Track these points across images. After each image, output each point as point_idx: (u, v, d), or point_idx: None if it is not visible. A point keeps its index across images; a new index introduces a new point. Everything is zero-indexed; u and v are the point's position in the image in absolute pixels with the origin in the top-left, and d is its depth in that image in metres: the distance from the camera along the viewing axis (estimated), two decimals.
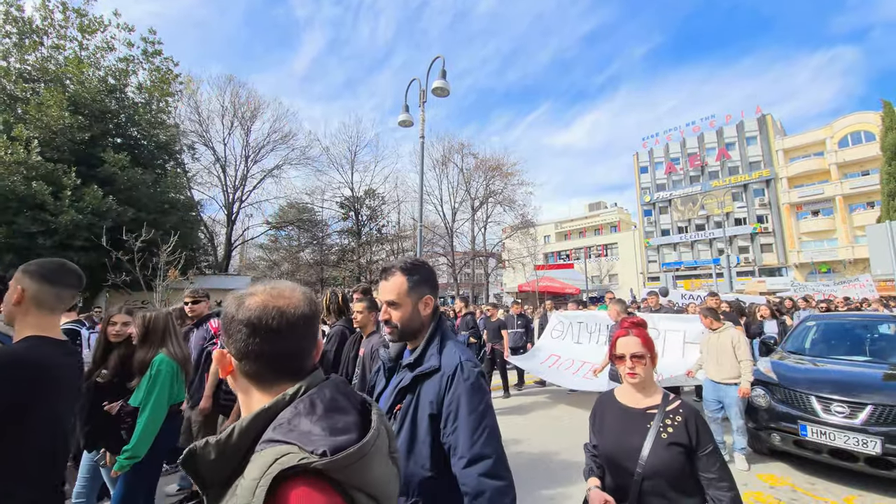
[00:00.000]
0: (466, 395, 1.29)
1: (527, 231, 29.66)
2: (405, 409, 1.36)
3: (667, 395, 1.65)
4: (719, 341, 4.49)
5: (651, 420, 1.59)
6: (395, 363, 1.52)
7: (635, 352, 1.64)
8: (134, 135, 15.03)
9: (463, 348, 1.45)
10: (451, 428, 1.28)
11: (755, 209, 35.39)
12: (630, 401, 1.71)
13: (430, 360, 1.39)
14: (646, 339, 1.67)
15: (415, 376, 1.37)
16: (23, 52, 13.41)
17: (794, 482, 3.93)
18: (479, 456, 1.24)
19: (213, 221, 25.25)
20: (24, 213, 10.80)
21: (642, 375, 1.64)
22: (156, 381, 2.39)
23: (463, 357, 1.37)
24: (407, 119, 8.92)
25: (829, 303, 11.32)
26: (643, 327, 1.71)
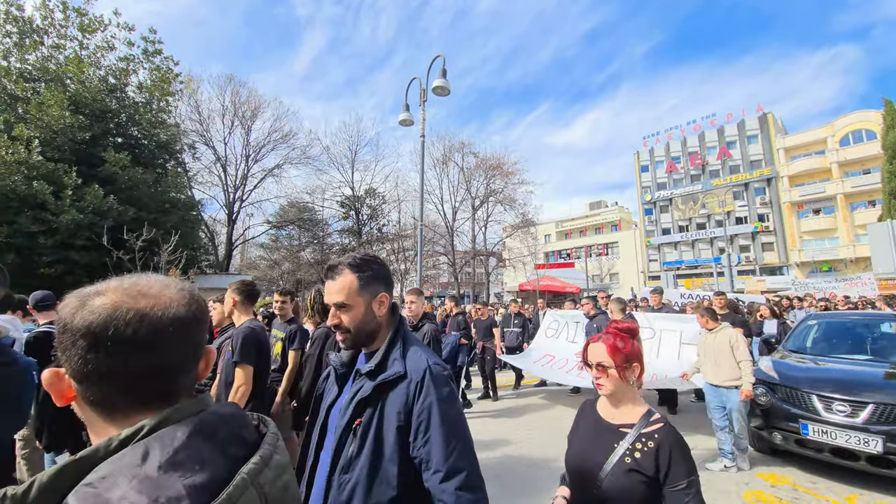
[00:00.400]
0: (438, 403, 1.19)
1: (527, 230, 29.62)
2: (367, 424, 1.21)
3: (648, 415, 1.47)
4: (716, 342, 4.35)
5: (621, 439, 1.44)
6: (349, 369, 1.37)
7: (599, 361, 1.50)
8: (135, 134, 15.04)
9: (428, 351, 1.34)
10: (422, 440, 1.17)
11: (756, 208, 35.35)
12: (606, 413, 1.56)
13: (394, 365, 1.26)
14: (614, 348, 1.48)
15: (377, 385, 1.23)
16: (23, 51, 13.42)
17: (795, 481, 3.93)
18: (456, 469, 1.15)
19: (214, 221, 25.27)
20: (25, 212, 10.81)
21: (609, 387, 1.49)
22: None
23: (430, 360, 1.27)
24: (407, 118, 8.92)
25: (827, 301, 11.29)
26: (622, 336, 1.52)
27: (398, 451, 1.18)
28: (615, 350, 1.48)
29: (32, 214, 10.84)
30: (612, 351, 1.47)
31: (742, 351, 4.15)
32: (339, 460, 1.20)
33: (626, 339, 1.50)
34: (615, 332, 1.52)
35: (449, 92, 8.23)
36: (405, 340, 1.34)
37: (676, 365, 5.60)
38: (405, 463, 1.18)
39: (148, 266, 8.45)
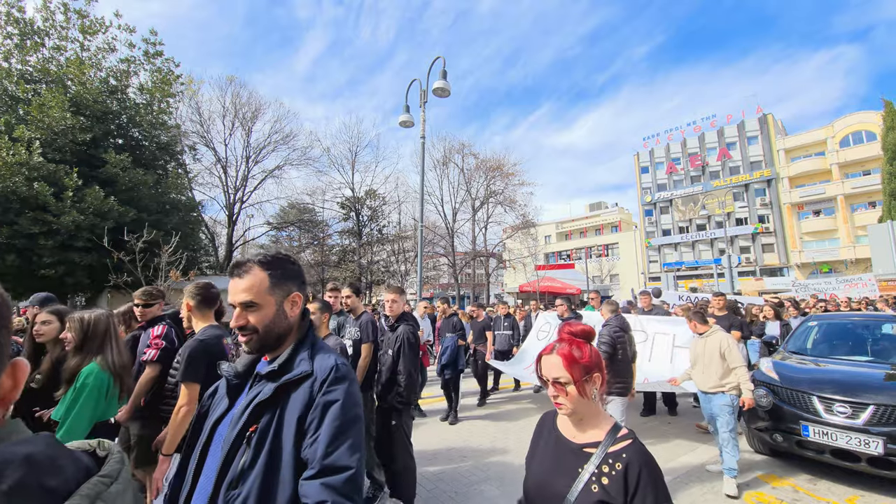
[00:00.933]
0: (337, 401, 1.12)
1: (527, 231, 29.64)
2: (264, 430, 1.09)
3: (615, 430, 1.26)
4: (706, 346, 4.09)
5: (585, 462, 1.24)
6: (243, 380, 1.23)
7: (555, 377, 1.28)
8: (135, 136, 15.05)
9: (337, 354, 1.26)
10: (311, 438, 1.08)
11: (756, 209, 35.36)
12: (568, 431, 1.35)
13: (301, 365, 1.18)
14: (570, 359, 1.27)
15: (279, 386, 1.13)
16: (24, 53, 13.44)
17: (795, 482, 3.93)
18: (333, 467, 1.04)
19: (215, 222, 25.30)
20: (26, 213, 10.81)
21: (569, 406, 1.28)
22: (79, 396, 2.08)
23: (339, 360, 1.20)
24: (408, 119, 8.94)
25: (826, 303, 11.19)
26: (578, 343, 1.31)
27: (297, 461, 1.07)
28: (572, 362, 1.27)
29: (33, 216, 10.85)
30: (570, 363, 1.27)
31: (735, 356, 3.90)
32: (226, 476, 1.06)
33: (583, 346, 1.30)
34: (570, 339, 1.31)
35: (449, 93, 8.25)
36: (314, 342, 1.27)
37: (669, 368, 5.46)
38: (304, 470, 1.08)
39: (148, 267, 8.45)
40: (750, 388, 3.84)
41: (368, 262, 27.64)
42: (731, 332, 5.49)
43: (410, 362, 3.42)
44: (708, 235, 37.15)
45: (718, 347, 3.99)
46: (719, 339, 4.04)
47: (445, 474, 4.28)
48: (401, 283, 29.00)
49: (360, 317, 4.01)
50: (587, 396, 1.27)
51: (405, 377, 3.38)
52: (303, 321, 1.29)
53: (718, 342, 4.02)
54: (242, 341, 1.20)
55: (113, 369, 2.24)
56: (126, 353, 2.46)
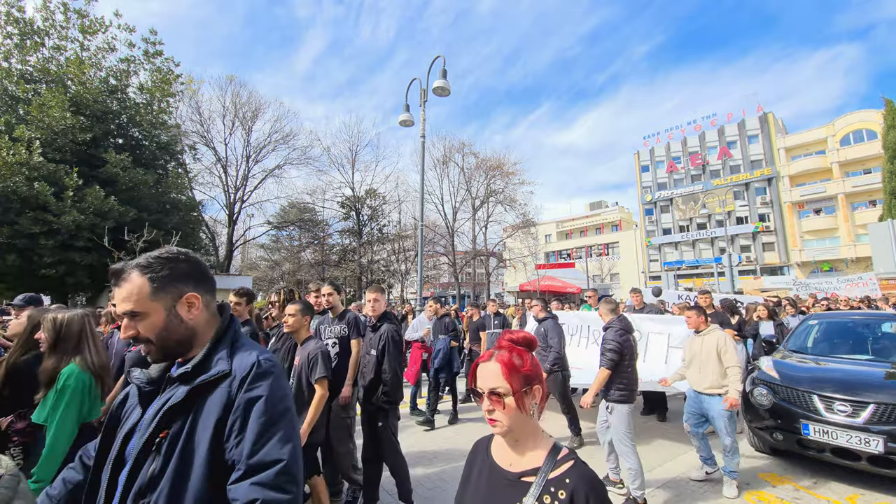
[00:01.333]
0: (262, 398, 1.05)
1: (528, 230, 29.64)
2: (175, 436, 1.02)
3: (555, 451, 1.12)
4: (703, 345, 3.97)
5: (524, 494, 1.08)
6: (158, 386, 1.15)
7: (493, 387, 1.11)
8: (135, 135, 15.06)
9: (262, 347, 1.21)
10: (235, 440, 1.02)
11: (757, 208, 35.33)
12: (503, 458, 1.18)
13: (218, 364, 1.11)
14: (511, 367, 1.11)
15: (193, 388, 1.06)
16: (24, 53, 13.44)
17: (796, 481, 3.93)
18: (261, 464, 0.99)
19: (215, 221, 25.34)
20: (27, 213, 10.82)
21: (505, 423, 1.10)
22: (62, 398, 2.04)
23: (262, 356, 1.13)
24: (408, 118, 8.94)
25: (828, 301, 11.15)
26: (519, 350, 1.17)
27: (212, 465, 1.00)
28: (513, 370, 1.11)
29: (33, 215, 10.85)
30: (510, 371, 1.11)
31: (731, 356, 3.80)
32: (133, 486, 1.00)
33: (524, 354, 1.16)
34: (510, 347, 1.16)
35: (449, 92, 8.25)
36: (235, 338, 1.19)
37: (663, 369, 5.38)
38: (221, 478, 1.01)
39: None
40: (738, 388, 3.74)
41: (369, 261, 27.64)
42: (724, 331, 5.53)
43: (395, 361, 3.38)
44: (708, 234, 37.13)
45: (716, 346, 3.87)
46: (717, 338, 3.91)
47: (446, 474, 4.28)
48: (401, 282, 29.04)
49: (343, 314, 3.97)
50: (526, 411, 1.11)
51: (390, 376, 3.34)
52: (215, 320, 1.21)
53: (716, 341, 3.90)
54: (144, 352, 1.13)
55: (93, 369, 2.21)
56: (104, 352, 2.40)
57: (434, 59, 8.52)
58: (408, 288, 29.82)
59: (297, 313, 3.07)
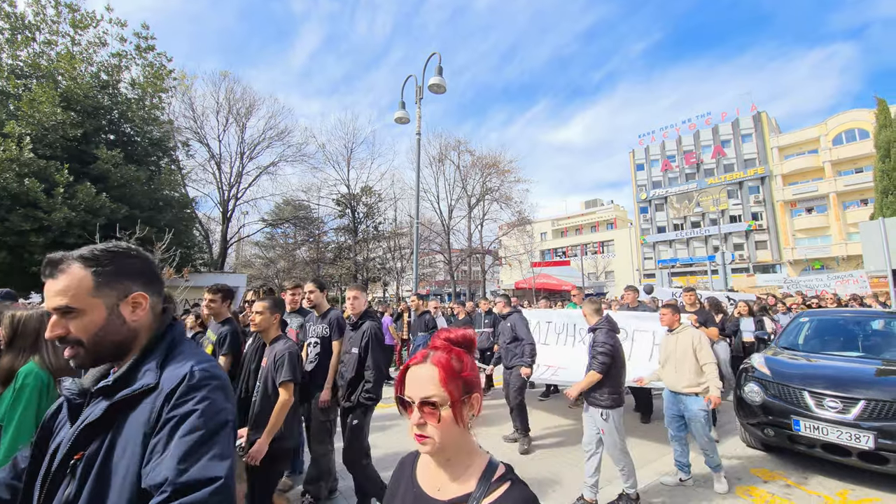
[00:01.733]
0: (191, 412, 0.93)
1: (523, 228, 29.71)
2: (91, 457, 0.92)
3: (490, 471, 0.94)
4: (678, 344, 3.88)
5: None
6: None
7: (426, 396, 0.90)
8: (127, 131, 14.88)
9: (203, 356, 1.09)
10: (158, 460, 0.89)
11: (750, 206, 35.63)
12: (430, 481, 0.99)
13: (144, 377, 0.99)
14: (449, 371, 0.92)
15: (113, 404, 0.95)
16: (15, 48, 13.22)
17: (787, 476, 3.97)
18: (190, 484, 0.86)
19: (209, 219, 25.10)
20: (17, 210, 10.67)
21: (436, 440, 0.90)
22: (20, 397, 1.99)
23: (197, 366, 1.00)
24: (403, 116, 8.90)
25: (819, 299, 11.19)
26: (458, 351, 0.98)
27: (134, 491, 0.89)
28: (451, 375, 0.92)
29: (24, 212, 10.70)
30: (448, 376, 0.92)
31: (706, 353, 3.74)
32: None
33: (463, 355, 0.98)
34: (447, 347, 0.98)
35: (445, 89, 8.22)
36: (172, 347, 1.07)
37: (648, 367, 5.25)
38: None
39: None
40: (718, 385, 3.65)
41: (364, 259, 27.57)
42: (708, 329, 5.38)
43: (379, 356, 3.33)
44: (702, 232, 37.40)
45: (691, 344, 3.79)
46: (691, 336, 3.84)
47: None
48: (397, 280, 29.01)
49: (327, 313, 3.86)
50: (464, 424, 0.93)
51: (374, 371, 3.27)
52: (157, 325, 1.09)
53: (690, 338, 3.82)
54: (67, 356, 1.00)
55: (51, 369, 2.15)
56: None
57: (430, 55, 8.49)
58: (403, 286, 29.80)
59: (264, 311, 2.90)
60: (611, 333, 3.66)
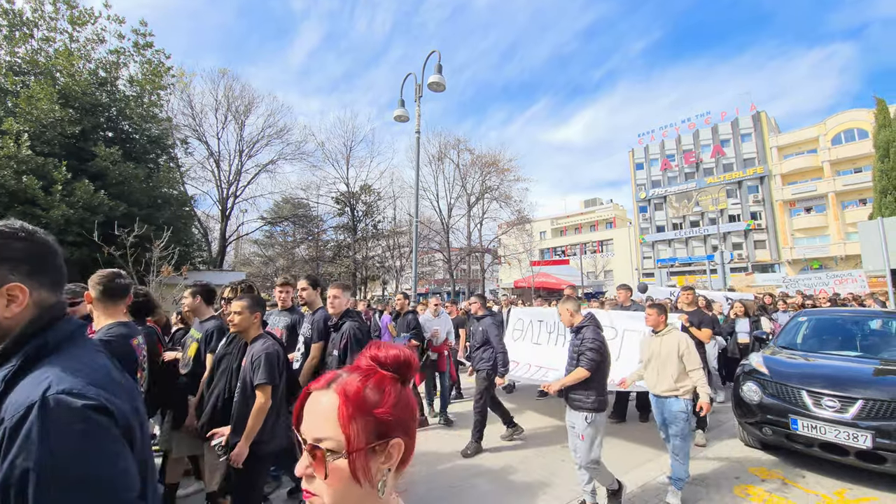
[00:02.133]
0: (47, 457, 0.68)
1: (523, 227, 29.71)
2: None
3: None
4: (662, 346, 3.73)
5: None
6: None
7: (315, 436, 0.63)
8: (126, 129, 14.82)
9: (89, 370, 0.84)
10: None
11: (749, 206, 35.68)
12: None
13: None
14: (358, 406, 0.63)
15: None
16: (13, 44, 13.16)
17: (785, 475, 3.98)
18: None
19: (208, 217, 25.02)
20: (15, 207, 10.63)
21: (326, 499, 0.62)
22: None
23: (58, 386, 0.74)
24: (403, 114, 8.88)
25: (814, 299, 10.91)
26: (381, 378, 0.67)
27: None
28: (359, 410, 0.63)
29: (22, 209, 10.66)
30: (353, 412, 0.63)
31: (694, 358, 3.58)
32: None
33: (387, 384, 0.68)
34: (368, 371, 0.68)
35: (444, 88, 8.20)
36: (39, 354, 0.82)
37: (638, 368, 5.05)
38: None
39: (140, 262, 8.36)
40: (707, 391, 3.53)
41: (363, 257, 27.55)
42: (701, 329, 5.34)
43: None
44: (701, 232, 37.45)
45: (677, 348, 3.61)
46: (678, 339, 3.67)
47: (438, 474, 4.29)
48: (396, 278, 29.00)
49: (315, 312, 3.65)
50: (369, 481, 0.63)
51: None
52: (29, 326, 0.85)
53: (677, 342, 3.65)
54: None
55: None
56: None
57: (429, 54, 8.47)
58: (403, 284, 29.79)
59: (243, 311, 2.70)
60: (598, 331, 3.47)
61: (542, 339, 6.51)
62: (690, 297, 5.86)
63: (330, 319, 3.51)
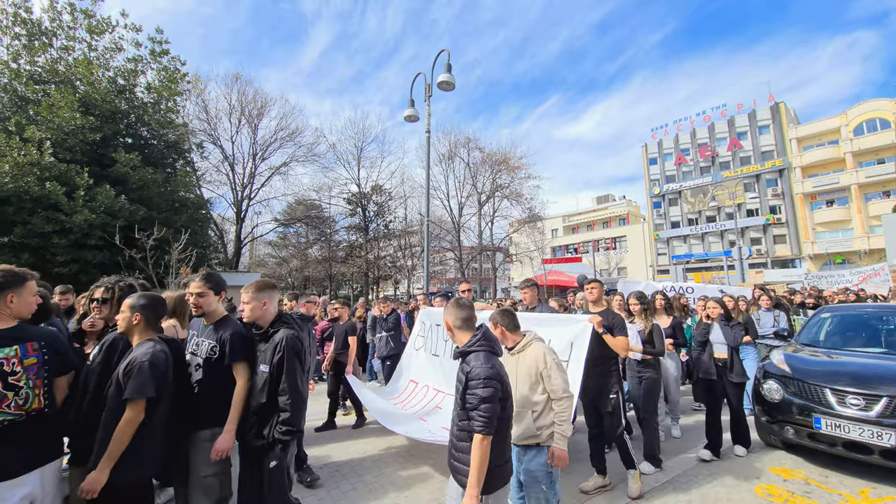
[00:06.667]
0: None
1: (534, 225, 29.55)
2: None
3: None
4: (518, 368, 2.52)
5: None
6: None
7: None
8: (144, 134, 15.21)
9: None
10: None
11: (768, 200, 34.86)
12: None
13: None
14: None
15: None
16: (33, 53, 13.59)
17: (807, 475, 3.90)
18: None
19: (223, 219, 25.54)
20: (39, 213, 10.99)
21: None
22: None
23: None
24: (413, 114, 8.92)
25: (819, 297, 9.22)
26: None
27: None
28: None
29: (46, 215, 11.02)
30: None
31: (556, 380, 2.42)
32: None
33: None
34: None
35: (454, 87, 8.21)
36: None
37: None
38: None
39: (159, 264, 8.57)
40: (564, 433, 2.42)
41: (375, 257, 27.74)
42: (614, 338, 3.61)
43: (297, 377, 2.45)
44: (718, 227, 36.73)
45: (535, 369, 2.47)
46: (535, 357, 2.49)
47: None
48: (408, 278, 29.12)
49: (221, 323, 2.67)
50: None
51: (290, 396, 2.39)
52: None
53: (535, 361, 2.48)
54: None
55: None
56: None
57: (439, 52, 8.48)
58: (414, 283, 29.91)
59: (126, 310, 2.37)
60: (491, 358, 2.12)
61: (439, 349, 4.87)
62: (596, 292, 4.01)
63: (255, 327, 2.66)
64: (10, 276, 2.14)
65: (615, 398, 3.59)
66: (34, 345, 2.08)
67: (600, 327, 3.56)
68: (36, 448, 2.08)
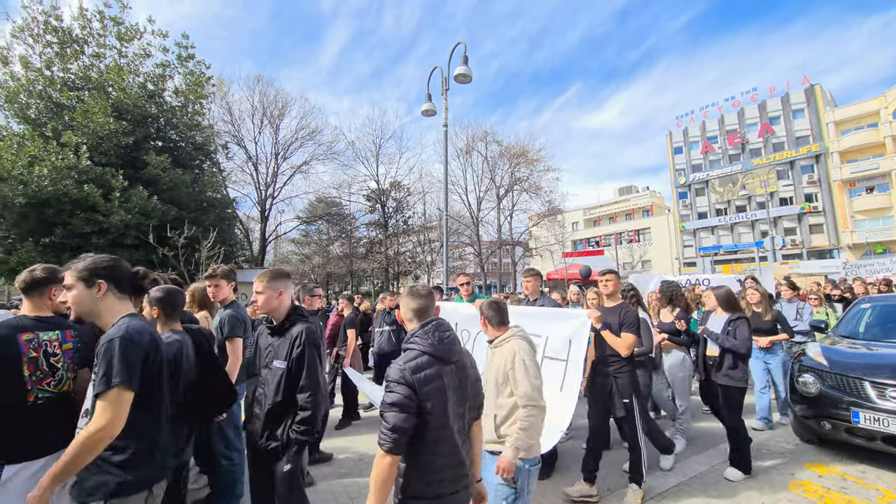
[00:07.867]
0: None
1: (554, 218, 29.14)
2: None
3: None
4: (494, 364, 2.33)
5: None
6: None
7: None
8: (173, 137, 15.79)
9: None
10: None
11: (803, 187, 33.31)
12: None
13: None
14: None
15: None
16: (65, 61, 14.22)
17: (843, 470, 3.76)
18: None
19: (248, 218, 26.24)
20: (78, 214, 11.57)
21: None
22: None
23: None
24: (430, 108, 8.92)
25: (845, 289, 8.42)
26: None
27: None
28: None
29: (85, 216, 11.59)
30: None
31: (522, 387, 2.13)
32: None
33: None
34: None
35: (471, 79, 8.16)
36: None
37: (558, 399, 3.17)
38: None
39: (190, 262, 8.91)
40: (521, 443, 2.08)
41: (395, 252, 27.99)
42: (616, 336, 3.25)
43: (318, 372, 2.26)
44: (748, 217, 35.37)
45: (503, 367, 2.24)
46: (505, 355, 2.26)
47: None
48: (427, 273, 29.26)
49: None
50: None
51: (311, 395, 2.17)
52: None
53: (504, 358, 2.25)
54: None
55: None
56: None
57: (455, 45, 8.44)
58: (434, 278, 30.04)
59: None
60: (419, 358, 1.71)
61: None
62: (612, 285, 3.54)
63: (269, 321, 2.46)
64: (54, 272, 2.28)
65: (629, 403, 3.21)
66: (71, 332, 2.23)
67: (598, 323, 3.19)
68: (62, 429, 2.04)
